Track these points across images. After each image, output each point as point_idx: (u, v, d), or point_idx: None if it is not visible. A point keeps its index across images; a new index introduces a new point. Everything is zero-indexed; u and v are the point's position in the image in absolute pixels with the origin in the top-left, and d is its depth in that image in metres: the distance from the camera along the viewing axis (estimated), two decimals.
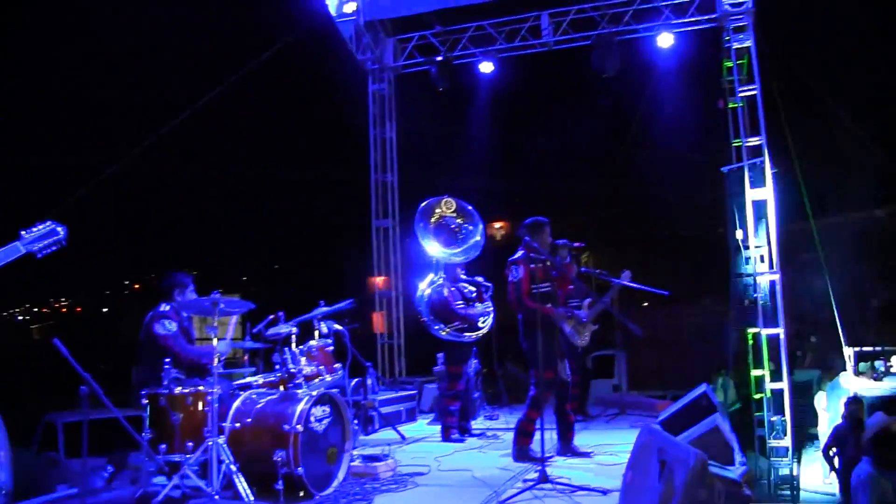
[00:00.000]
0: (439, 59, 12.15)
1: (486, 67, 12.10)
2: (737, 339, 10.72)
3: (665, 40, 11.10)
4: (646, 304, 18.24)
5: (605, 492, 5.25)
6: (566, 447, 6.87)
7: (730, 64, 10.49)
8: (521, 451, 6.69)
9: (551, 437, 6.79)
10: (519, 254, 6.75)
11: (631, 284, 8.46)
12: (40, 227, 4.10)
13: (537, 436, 6.20)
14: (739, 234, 10.08)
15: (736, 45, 10.29)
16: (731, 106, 10.68)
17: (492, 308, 8.42)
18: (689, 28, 11.21)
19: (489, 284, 8.46)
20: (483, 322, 8.25)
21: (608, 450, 6.94)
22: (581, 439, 7.17)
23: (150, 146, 10.95)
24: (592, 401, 10.11)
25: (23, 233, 4.06)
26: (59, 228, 4.14)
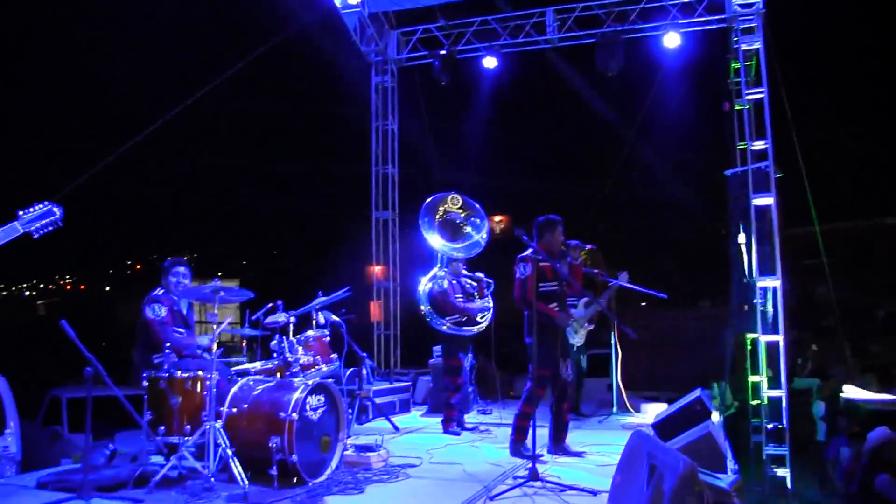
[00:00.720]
0: (443, 52, 12.15)
1: (490, 62, 12.06)
2: (734, 343, 10.73)
3: (671, 40, 11.02)
4: (644, 303, 18.28)
5: (594, 492, 5.26)
6: (558, 446, 6.91)
7: (737, 65, 10.41)
8: (516, 446, 6.74)
9: (544, 434, 6.86)
10: (528, 250, 6.71)
11: (628, 285, 8.50)
12: (38, 207, 4.13)
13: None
14: (742, 239, 10.07)
15: (744, 47, 10.17)
16: (736, 108, 10.63)
17: (491, 304, 8.47)
18: (697, 28, 11.16)
19: (490, 280, 8.53)
20: (482, 317, 8.32)
21: (600, 450, 6.96)
22: (573, 438, 7.20)
23: (157, 132, 10.98)
24: (586, 399, 10.13)
25: (20, 213, 4.10)
26: (55, 209, 4.17)
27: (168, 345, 5.73)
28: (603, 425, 8.87)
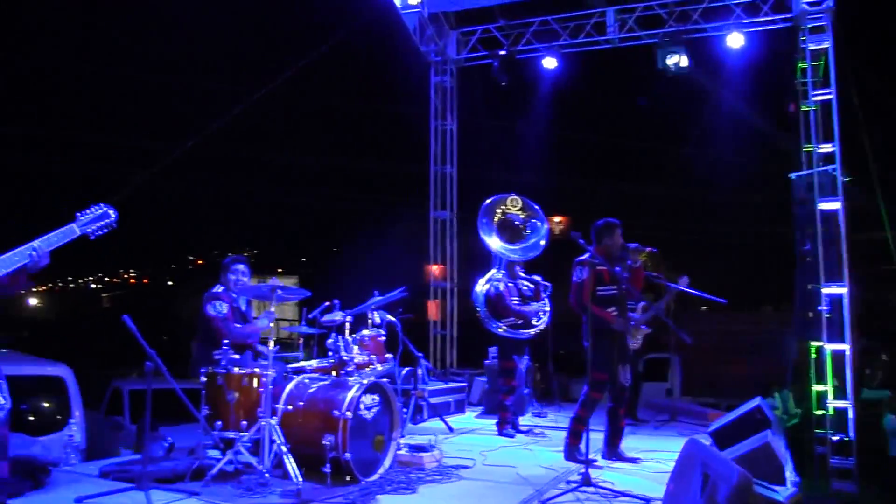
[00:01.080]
0: (502, 53, 12.15)
1: (550, 63, 12.01)
2: (796, 350, 10.47)
3: (735, 40, 10.79)
4: (704, 307, 17.98)
5: (647, 500, 5.20)
6: (612, 451, 6.84)
7: (804, 65, 10.14)
8: (571, 450, 6.69)
9: (600, 439, 6.79)
10: (586, 254, 6.65)
11: (688, 290, 8.33)
12: (94, 209, 4.21)
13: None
14: (806, 244, 9.81)
15: (812, 47, 9.93)
16: (802, 109, 10.36)
17: (548, 308, 8.42)
18: (762, 28, 10.92)
19: (548, 284, 8.49)
20: (537, 320, 8.27)
21: (655, 457, 6.86)
22: (629, 444, 7.13)
23: (218, 131, 11.20)
24: (643, 405, 10.00)
25: (78, 215, 4.18)
26: (110, 212, 4.24)
27: (226, 341, 5.81)
28: (660, 432, 8.74)
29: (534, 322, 8.23)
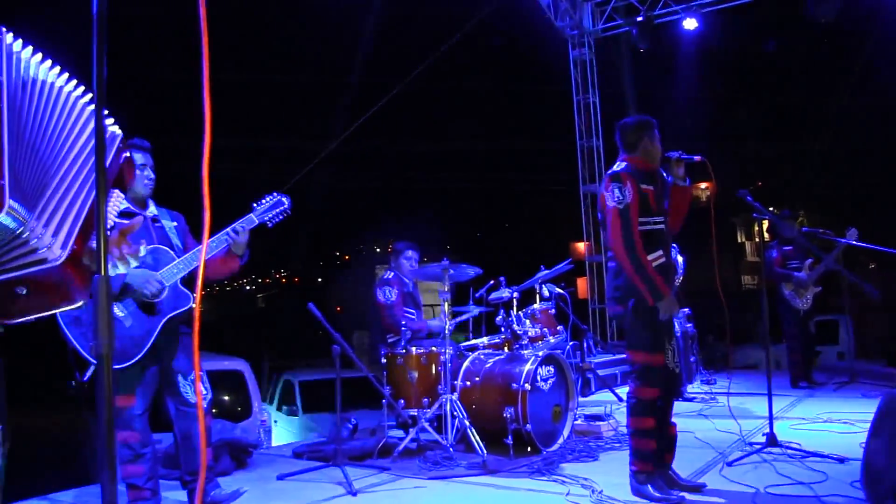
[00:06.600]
0: (640, 19, 11.93)
1: (690, 24, 11.69)
2: None
3: None
4: (872, 265, 17.09)
5: (842, 459, 5.03)
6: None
7: None
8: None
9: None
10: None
11: (858, 244, 7.99)
12: (268, 198, 4.34)
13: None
14: None
15: None
16: None
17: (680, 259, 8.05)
18: None
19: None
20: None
21: (840, 417, 6.63)
22: (808, 407, 6.95)
23: (363, 124, 11.55)
24: (818, 368, 9.67)
25: (254, 205, 4.31)
26: (284, 199, 4.35)
27: (404, 323, 6.07)
28: (840, 393, 8.42)
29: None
